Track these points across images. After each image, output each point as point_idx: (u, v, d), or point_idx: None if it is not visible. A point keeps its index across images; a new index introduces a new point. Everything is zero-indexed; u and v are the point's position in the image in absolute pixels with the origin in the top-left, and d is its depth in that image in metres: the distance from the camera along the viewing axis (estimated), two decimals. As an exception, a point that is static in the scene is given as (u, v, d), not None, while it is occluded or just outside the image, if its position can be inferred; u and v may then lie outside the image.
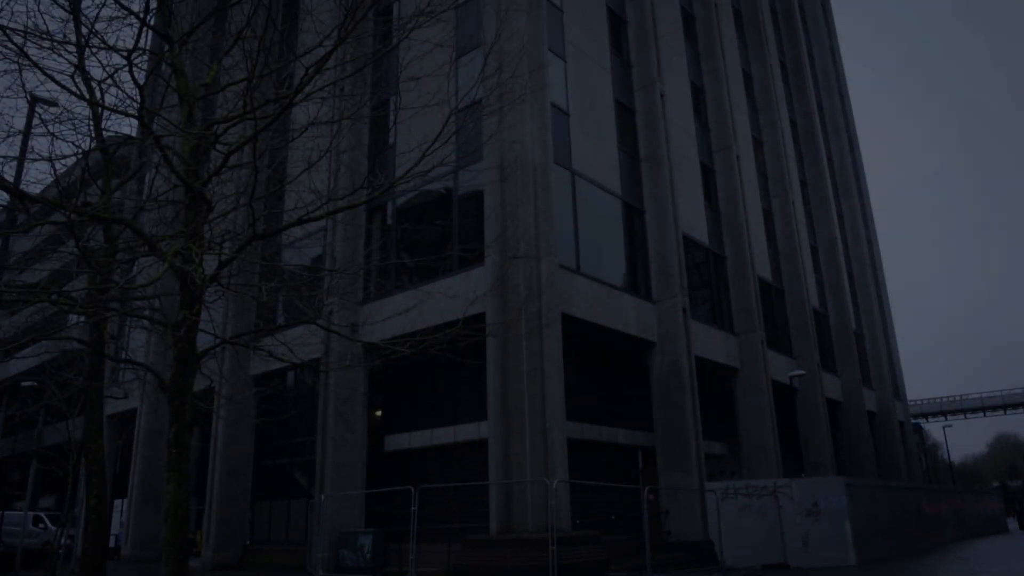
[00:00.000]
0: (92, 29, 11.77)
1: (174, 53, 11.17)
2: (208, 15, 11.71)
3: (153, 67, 13.38)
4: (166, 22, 11.86)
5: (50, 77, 10.76)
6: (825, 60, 44.15)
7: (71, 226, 12.03)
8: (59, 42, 11.51)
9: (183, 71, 11.71)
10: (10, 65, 11.84)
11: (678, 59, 26.02)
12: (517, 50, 15.62)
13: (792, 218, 30.43)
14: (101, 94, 12.21)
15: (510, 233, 16.30)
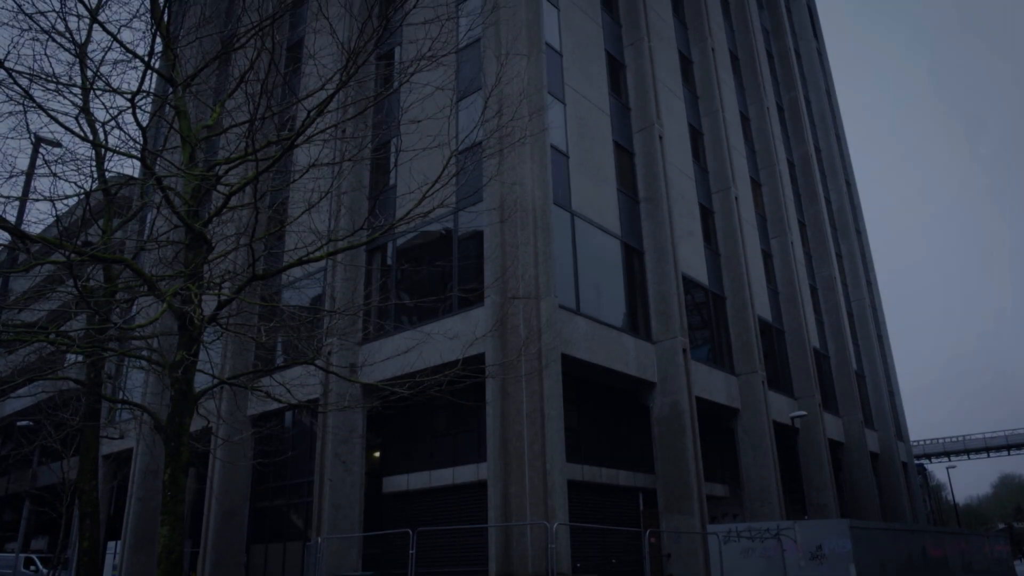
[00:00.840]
0: (97, 72, 11.93)
1: (178, 96, 11.30)
2: (212, 59, 11.89)
3: (156, 109, 13.54)
4: (170, 66, 12.01)
5: (54, 119, 10.88)
6: (822, 103, 44.69)
7: (70, 266, 12.05)
8: (65, 84, 11.68)
9: (186, 113, 11.85)
10: (15, 107, 11.98)
11: (676, 102, 26.34)
12: (517, 93, 15.81)
13: (791, 258, 30.51)
14: (105, 135, 12.35)
15: (510, 274, 16.33)
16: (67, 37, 11.88)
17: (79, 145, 21.73)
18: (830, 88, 48.20)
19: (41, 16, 11.99)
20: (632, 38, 24.25)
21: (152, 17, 12.19)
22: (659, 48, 25.77)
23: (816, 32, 49.04)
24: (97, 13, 12.21)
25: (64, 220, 17.42)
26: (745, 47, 34.42)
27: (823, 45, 50.33)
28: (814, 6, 51.13)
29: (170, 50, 12.05)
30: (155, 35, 11.88)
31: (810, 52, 45.84)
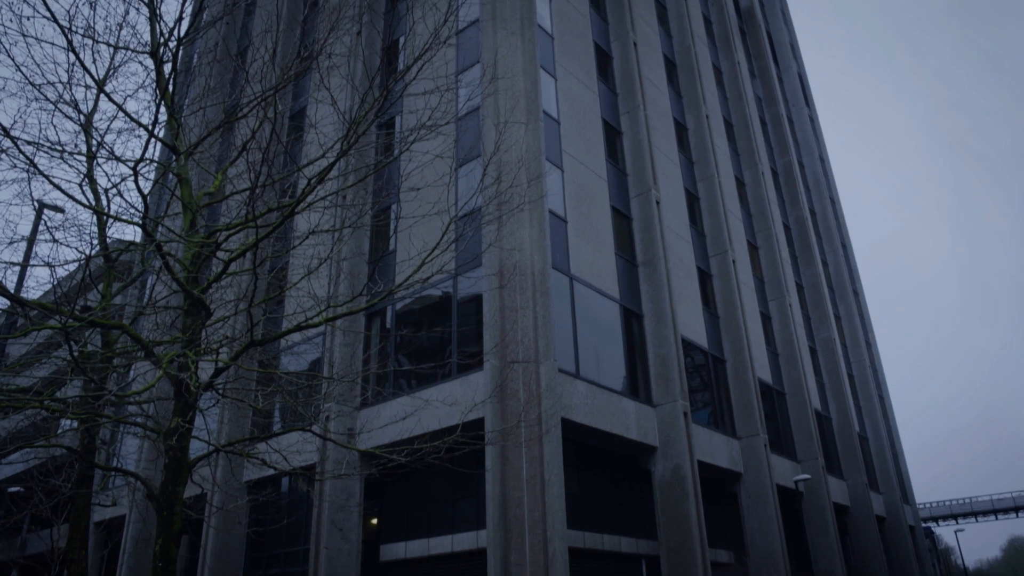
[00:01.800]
0: (101, 141, 12.13)
1: (180, 164, 11.47)
2: (215, 128, 12.10)
3: (159, 177, 13.71)
4: (174, 134, 12.22)
5: (57, 187, 11.00)
6: (815, 167, 45.39)
7: (66, 331, 12.03)
8: (70, 153, 11.87)
9: (188, 181, 12.00)
10: (20, 174, 12.16)
11: (672, 167, 26.73)
12: (515, 160, 16.06)
13: (790, 320, 30.52)
14: (107, 202, 12.48)
15: (509, 338, 16.30)
16: (73, 107, 12.12)
17: (81, 211, 21.96)
18: (823, 153, 49.01)
19: (49, 86, 12.27)
20: (628, 106, 24.76)
21: (157, 87, 12.47)
22: (654, 115, 26.29)
23: (807, 100, 50.13)
24: (104, 84, 12.48)
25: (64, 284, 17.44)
26: (739, 114, 35.12)
27: (814, 112, 51.37)
28: (804, 75, 52.40)
29: (174, 119, 12.28)
30: (159, 105, 12.13)
31: (802, 119, 46.78)
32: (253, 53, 10.93)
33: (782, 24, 50.41)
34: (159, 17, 12.75)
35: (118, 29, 12.86)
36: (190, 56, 20.78)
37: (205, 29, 11.96)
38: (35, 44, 13.92)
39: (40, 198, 16.59)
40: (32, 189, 12.10)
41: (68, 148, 12.10)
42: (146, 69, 13.09)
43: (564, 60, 22.70)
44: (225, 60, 15.34)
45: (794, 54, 51.12)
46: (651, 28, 29.91)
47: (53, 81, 12.11)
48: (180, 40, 12.48)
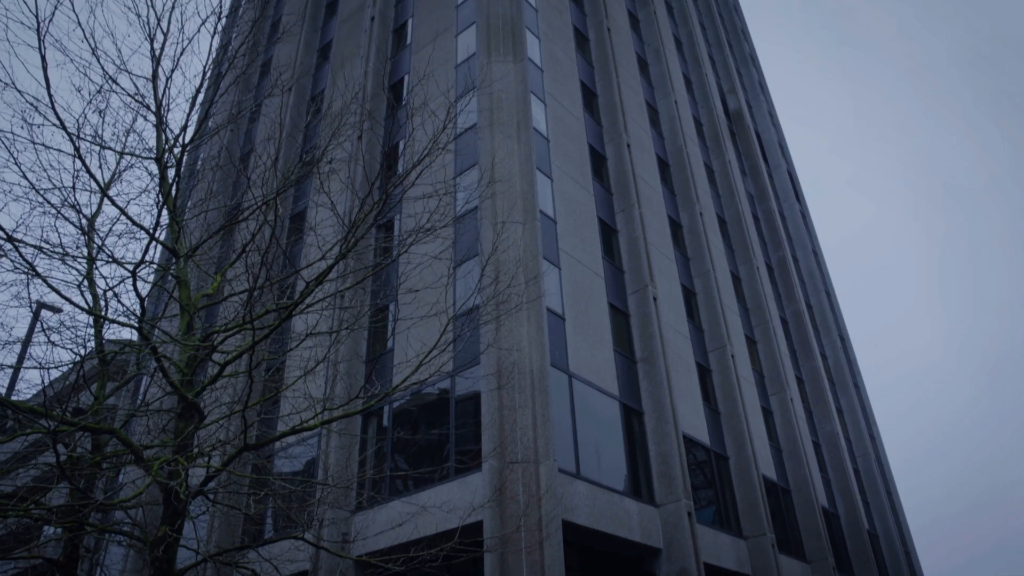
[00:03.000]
0: (102, 244, 12.23)
1: (179, 267, 11.52)
2: (216, 231, 12.23)
3: (158, 280, 13.77)
4: (175, 237, 12.33)
5: (56, 291, 11.01)
6: (809, 261, 45.89)
7: (53, 436, 11.79)
8: (72, 256, 11.94)
9: (187, 283, 12.03)
10: (19, 276, 12.17)
11: (668, 263, 26.98)
12: (513, 260, 16.20)
13: (792, 415, 30.14)
14: (105, 303, 12.47)
15: (508, 438, 16.02)
16: (76, 210, 12.29)
17: (78, 312, 21.94)
18: (816, 247, 49.66)
19: (54, 191, 12.47)
20: (623, 205, 25.21)
21: (160, 191, 12.67)
22: (649, 213, 26.74)
23: (798, 196, 51.21)
24: (108, 188, 12.68)
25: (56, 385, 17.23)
26: (732, 211, 35.76)
27: (806, 208, 52.38)
28: (794, 173, 53.70)
29: (175, 223, 12.42)
30: (161, 209, 12.30)
31: (794, 214, 47.63)
32: (255, 160, 11.18)
33: (770, 124, 52.01)
34: (165, 124, 13.10)
35: (125, 136, 13.19)
36: (194, 160, 21.30)
37: (210, 136, 12.26)
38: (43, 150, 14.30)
39: (38, 299, 16.60)
40: (30, 291, 12.11)
41: (69, 250, 12.20)
42: (150, 174, 13.35)
43: (560, 161, 23.26)
44: (228, 166, 15.69)
45: (783, 153, 52.55)
46: (643, 130, 30.81)
47: (58, 186, 12.33)
48: (185, 147, 12.78)
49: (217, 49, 12.54)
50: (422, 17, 29.51)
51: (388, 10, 31.46)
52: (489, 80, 22.55)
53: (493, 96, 21.95)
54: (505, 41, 24.60)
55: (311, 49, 35.00)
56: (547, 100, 24.69)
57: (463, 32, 26.40)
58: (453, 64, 25.57)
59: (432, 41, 27.46)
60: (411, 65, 27.73)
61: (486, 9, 25.79)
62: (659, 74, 35.55)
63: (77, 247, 12.22)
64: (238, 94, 22.60)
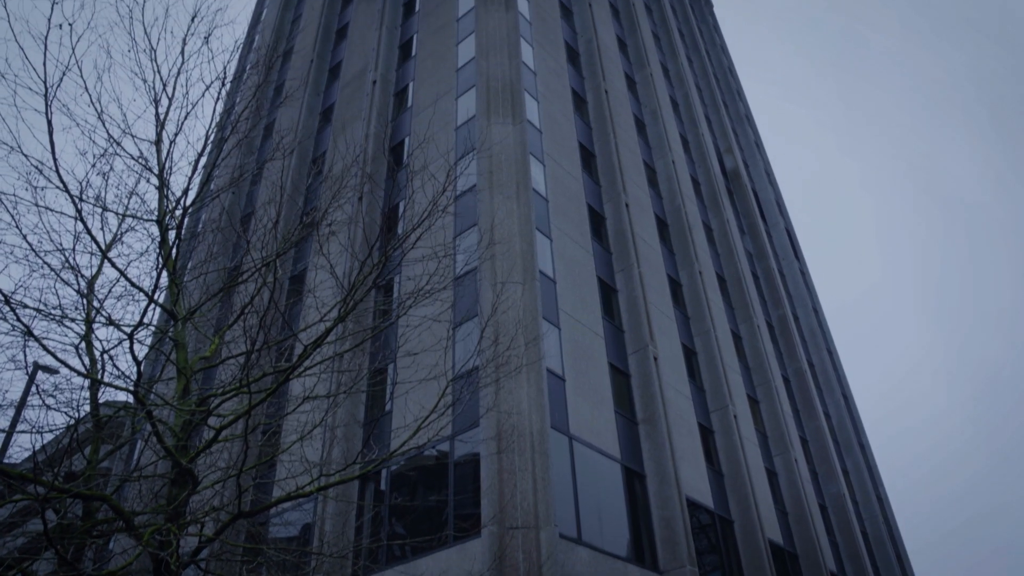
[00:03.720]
0: (101, 306, 12.17)
1: (177, 330, 11.44)
2: (214, 294, 12.18)
3: (156, 342, 13.67)
4: (174, 300, 12.28)
5: (52, 355, 10.91)
6: (810, 319, 45.80)
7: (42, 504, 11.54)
8: (70, 319, 11.87)
9: (184, 346, 11.93)
10: (15, 338, 12.08)
11: (668, 323, 26.90)
12: (513, 322, 16.13)
13: (797, 476, 29.63)
14: (102, 366, 12.35)
15: (508, 503, 15.69)
16: (76, 272, 12.27)
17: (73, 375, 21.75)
18: (816, 305, 49.64)
19: (55, 253, 12.47)
20: (622, 264, 25.26)
21: (160, 253, 12.67)
22: (648, 272, 26.77)
23: (797, 254, 51.43)
24: (108, 250, 12.68)
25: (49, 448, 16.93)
26: (731, 269, 35.85)
27: (805, 265, 52.55)
28: (792, 231, 54.06)
29: (175, 285, 12.38)
30: (161, 271, 12.28)
31: (793, 272, 47.75)
32: (256, 222, 11.24)
33: (767, 183, 52.58)
34: (167, 187, 13.19)
35: (127, 198, 13.26)
36: (195, 222, 21.43)
37: (211, 199, 12.32)
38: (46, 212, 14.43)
39: (35, 360, 16.47)
40: (27, 354, 12.01)
41: (68, 312, 12.14)
42: (151, 236, 13.39)
43: (559, 221, 23.39)
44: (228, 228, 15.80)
45: (780, 211, 52.98)
46: (642, 190, 31.10)
47: (59, 248, 12.33)
48: (186, 209, 12.83)
49: (220, 114, 12.71)
50: (423, 80, 30.09)
51: (390, 74, 32.10)
52: (489, 142, 22.85)
53: (493, 157, 22.21)
54: (504, 103, 25.01)
55: (313, 112, 35.60)
56: (546, 161, 24.97)
57: (463, 95, 26.87)
58: (453, 126, 25.95)
59: (433, 104, 27.93)
60: (412, 127, 28.14)
61: (486, 72, 26.30)
62: (656, 135, 36.08)
63: (76, 308, 12.18)
64: (240, 157, 22.87)
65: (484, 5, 29.60)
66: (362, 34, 36.42)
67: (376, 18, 34.99)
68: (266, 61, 13.41)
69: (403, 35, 34.54)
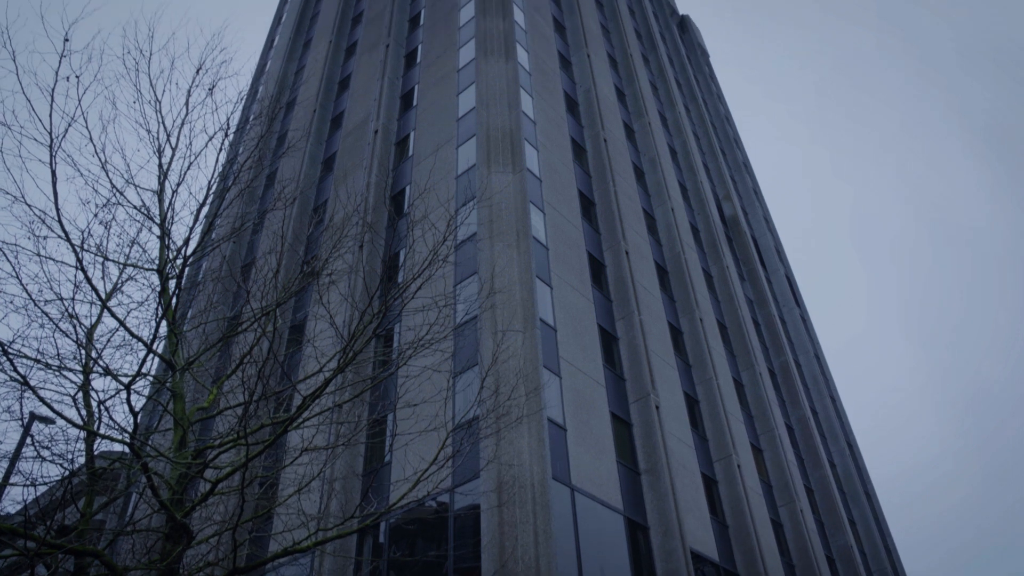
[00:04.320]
0: (99, 356, 12.09)
1: (175, 381, 11.34)
2: (214, 343, 12.11)
3: (154, 393, 13.56)
4: (172, 350, 12.20)
5: (48, 406, 10.79)
6: (812, 366, 45.55)
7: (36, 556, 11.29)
8: (68, 369, 11.77)
9: (182, 396, 11.80)
10: (11, 389, 11.96)
11: (670, 371, 26.73)
12: (514, 371, 16.01)
13: (803, 528, 29.12)
14: (99, 416, 12.20)
15: (509, 557, 15.36)
16: (75, 321, 12.21)
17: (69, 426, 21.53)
18: (818, 351, 49.42)
19: (54, 302, 12.42)
20: (623, 312, 25.21)
21: (160, 303, 12.63)
22: (649, 320, 26.70)
23: (797, 300, 51.40)
24: (108, 300, 12.63)
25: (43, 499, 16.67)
26: (732, 316, 35.77)
27: (805, 311, 52.49)
28: (792, 276, 54.14)
29: (174, 335, 12.31)
30: (160, 321, 12.22)
31: (794, 319, 47.66)
32: (256, 272, 11.22)
33: (766, 230, 52.84)
34: (169, 237, 13.21)
35: (129, 247, 13.27)
36: (195, 271, 21.46)
37: (212, 248, 12.33)
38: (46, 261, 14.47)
39: (32, 410, 16.30)
40: (23, 405, 11.90)
41: (66, 362, 12.05)
42: (151, 285, 13.36)
43: (559, 269, 23.40)
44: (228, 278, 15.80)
45: (780, 258, 53.12)
46: (641, 237, 31.21)
47: (59, 297, 12.29)
48: (187, 259, 12.83)
49: (223, 164, 12.80)
50: (424, 130, 30.44)
51: (391, 124, 32.49)
52: (489, 190, 23.00)
53: (493, 206, 22.33)
54: (504, 152, 25.25)
55: (315, 161, 35.95)
56: (546, 209, 25.11)
57: (464, 144, 27.15)
58: (454, 175, 26.16)
59: (433, 153, 28.20)
60: (413, 176, 28.37)
61: (486, 122, 26.61)
62: (655, 182, 36.37)
63: (75, 358, 12.09)
64: (242, 206, 22.99)
65: (484, 57, 30.11)
66: (364, 85, 36.97)
67: (378, 69, 35.57)
68: (269, 112, 13.57)
69: (405, 86, 35.07)
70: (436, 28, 36.49)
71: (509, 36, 31.73)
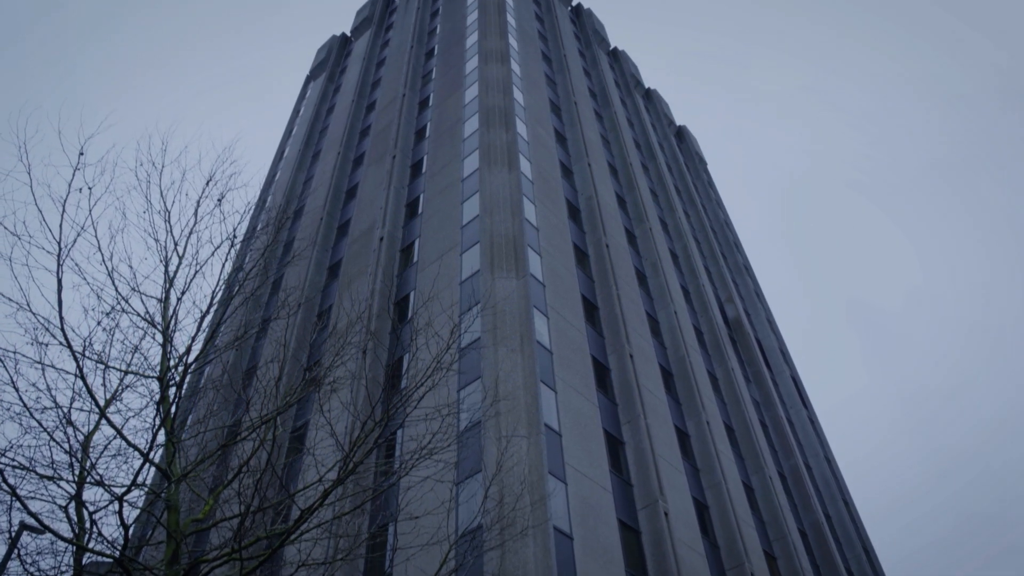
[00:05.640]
0: (93, 465, 11.87)
1: (171, 492, 11.07)
2: (211, 453, 11.90)
3: (148, 504, 13.23)
4: (169, 459, 11.99)
5: (38, 520, 10.51)
6: (823, 469, 44.50)
7: None
8: (59, 478, 11.53)
9: (177, 509, 11.50)
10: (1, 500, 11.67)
11: (678, 476, 26.12)
12: (518, 479, 15.68)
13: (823, 644, 27.72)
14: (91, 527, 11.85)
15: None
16: (72, 427, 12.05)
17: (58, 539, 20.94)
18: (828, 454, 48.38)
19: (51, 411, 12.29)
20: (628, 416, 24.89)
21: (159, 411, 12.49)
22: (655, 424, 26.31)
23: (804, 401, 50.78)
24: (106, 408, 12.51)
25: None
26: (739, 419, 35.26)
27: (813, 413, 51.75)
28: (798, 377, 53.69)
29: (171, 444, 12.12)
30: (158, 431, 12.06)
31: (802, 420, 46.94)
32: (257, 381, 11.17)
33: (770, 331, 52.77)
34: (171, 344, 13.20)
35: (131, 354, 13.24)
36: (196, 379, 21.37)
37: (214, 357, 12.31)
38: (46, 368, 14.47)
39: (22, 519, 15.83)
40: (11, 516, 11.62)
41: (60, 471, 11.81)
42: (150, 392, 13.25)
43: (563, 373, 23.26)
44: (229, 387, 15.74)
45: (785, 359, 52.82)
46: (645, 340, 31.16)
47: (56, 405, 12.18)
48: (188, 367, 12.79)
49: (229, 273, 12.95)
50: (428, 237, 30.97)
51: (396, 231, 33.10)
52: (493, 296, 23.16)
53: (497, 311, 22.43)
54: (508, 258, 25.59)
55: (321, 267, 36.43)
56: (549, 314, 25.20)
57: (468, 251, 27.56)
58: (458, 281, 26.42)
59: (438, 259, 28.58)
60: (417, 282, 28.66)
61: (489, 229, 27.10)
62: (658, 286, 36.63)
63: (69, 466, 11.87)
64: (246, 313, 23.12)
65: (488, 166, 30.99)
66: (371, 194, 37.90)
67: (385, 179, 36.55)
68: (276, 222, 13.88)
69: (410, 194, 35.95)
70: (441, 140, 37.73)
71: (512, 147, 32.76)
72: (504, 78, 39.35)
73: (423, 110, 43.66)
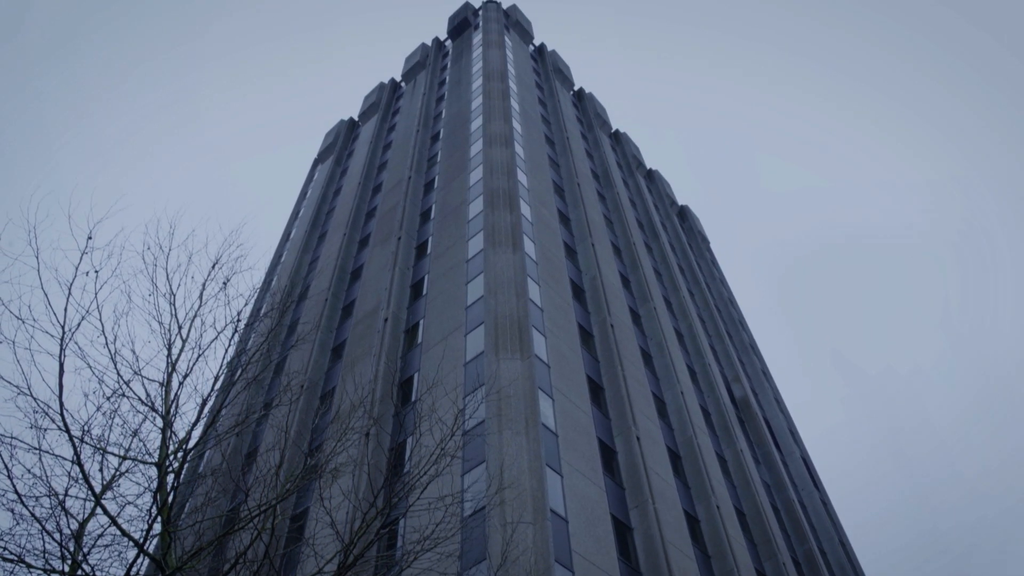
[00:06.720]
0: (85, 558, 11.54)
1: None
2: (208, 543, 11.55)
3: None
4: (164, 550, 11.64)
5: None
6: (837, 553, 43.13)
7: None
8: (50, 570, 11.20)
9: (170, 606, 11.10)
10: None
11: (688, 563, 25.29)
12: (524, 569, 15.17)
13: None
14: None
15: None
16: (67, 515, 11.76)
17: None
18: (842, 537, 47.00)
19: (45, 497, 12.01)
20: (636, 500, 24.29)
21: (156, 498, 12.20)
22: (664, 508, 25.64)
23: (816, 483, 49.66)
24: (102, 496, 12.24)
25: None
26: (749, 502, 34.38)
27: (825, 495, 50.51)
28: (808, 459, 52.65)
29: (167, 533, 11.80)
30: (154, 519, 11.76)
31: (814, 502, 45.78)
32: (257, 470, 10.93)
33: (778, 411, 52.06)
34: (171, 430, 13.00)
35: (130, 439, 13.03)
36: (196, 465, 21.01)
37: (215, 443, 12.09)
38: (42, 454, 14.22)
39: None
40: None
41: (51, 560, 11.48)
42: (148, 479, 12.97)
43: (569, 456, 22.82)
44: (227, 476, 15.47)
45: (795, 439, 51.93)
46: (652, 422, 30.70)
47: (52, 492, 11.92)
48: (187, 452, 12.56)
49: (231, 357, 12.85)
50: (433, 318, 30.93)
51: (401, 312, 33.10)
52: (497, 378, 22.95)
53: (501, 393, 22.18)
54: (512, 339, 25.47)
55: (325, 349, 36.29)
56: (555, 395, 24.91)
57: (472, 332, 27.47)
58: (462, 362, 26.23)
59: (442, 340, 28.47)
60: (421, 364, 28.47)
61: (494, 310, 27.08)
62: (663, 366, 36.33)
63: (61, 557, 11.54)
64: (248, 398, 22.88)
65: (493, 247, 31.22)
66: (376, 275, 38.10)
67: (390, 260, 36.80)
68: (281, 306, 13.87)
69: (415, 275, 36.12)
70: (446, 221, 38.17)
71: (516, 228, 33.08)
72: (508, 161, 40.09)
73: (428, 192, 44.34)
